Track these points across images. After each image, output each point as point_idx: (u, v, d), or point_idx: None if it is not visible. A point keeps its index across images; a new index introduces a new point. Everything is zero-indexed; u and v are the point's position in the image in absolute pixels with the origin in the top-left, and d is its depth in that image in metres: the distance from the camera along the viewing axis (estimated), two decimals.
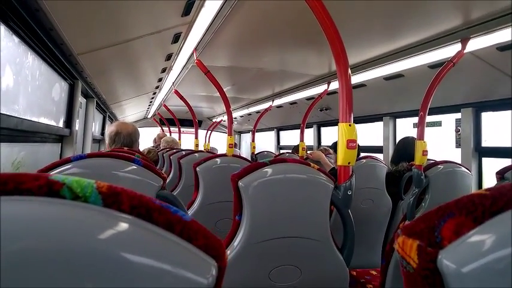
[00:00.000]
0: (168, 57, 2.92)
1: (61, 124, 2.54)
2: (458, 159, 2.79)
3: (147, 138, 6.60)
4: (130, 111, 6.35)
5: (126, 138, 1.97)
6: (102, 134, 4.89)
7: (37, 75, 1.97)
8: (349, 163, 1.37)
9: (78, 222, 0.31)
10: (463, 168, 2.12)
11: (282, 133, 7.25)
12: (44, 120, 2.13)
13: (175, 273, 0.33)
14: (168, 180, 2.78)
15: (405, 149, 2.42)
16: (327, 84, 3.72)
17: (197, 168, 1.98)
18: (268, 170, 1.26)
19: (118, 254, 0.31)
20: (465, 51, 2.17)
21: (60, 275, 0.28)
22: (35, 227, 0.29)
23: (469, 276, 0.34)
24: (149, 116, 8.21)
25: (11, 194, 0.30)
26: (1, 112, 1.46)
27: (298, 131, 4.19)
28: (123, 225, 0.33)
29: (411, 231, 0.40)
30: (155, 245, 0.34)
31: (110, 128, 1.99)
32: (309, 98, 4.43)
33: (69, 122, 2.65)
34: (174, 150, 3.35)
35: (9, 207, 0.29)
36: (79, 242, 0.30)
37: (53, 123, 2.32)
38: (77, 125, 2.74)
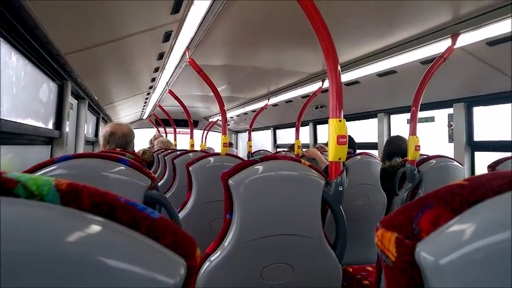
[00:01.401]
0: (160, 56, 2.91)
1: (50, 126, 2.51)
2: (451, 153, 2.80)
3: (143, 140, 6.57)
4: (124, 112, 6.33)
5: (121, 139, 1.95)
6: (96, 135, 4.86)
7: (22, 76, 1.93)
8: (339, 159, 1.36)
9: (32, 221, 0.29)
10: (456, 163, 2.13)
11: (278, 131, 7.26)
12: (31, 121, 2.09)
13: (140, 273, 0.31)
14: (163, 181, 2.77)
15: (396, 145, 2.43)
16: (321, 82, 3.72)
17: (190, 168, 1.96)
18: (259, 167, 1.24)
19: (75, 254, 0.29)
20: (455, 46, 2.18)
21: (13, 277, 0.26)
22: None
23: (447, 268, 0.33)
24: (144, 117, 8.19)
25: None
26: None
27: (295, 129, 4.19)
28: (81, 224, 0.31)
29: (390, 224, 0.39)
30: (118, 245, 0.32)
31: (104, 129, 1.98)
32: (304, 96, 4.43)
33: (59, 124, 2.61)
34: (169, 151, 3.33)
35: None
36: (31, 242, 0.28)
37: (41, 124, 2.29)
38: (68, 127, 2.71)
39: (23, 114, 1.97)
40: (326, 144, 3.35)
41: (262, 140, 7.73)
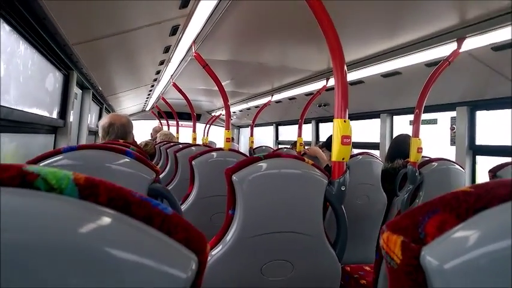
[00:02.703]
0: (166, 49, 2.91)
1: (55, 115, 2.52)
2: (453, 157, 2.80)
3: (145, 131, 6.57)
4: (128, 104, 6.33)
5: (120, 129, 1.95)
6: None
7: (29, 65, 1.93)
8: (343, 159, 1.37)
9: (52, 214, 0.30)
10: (457, 166, 2.14)
11: (280, 128, 7.25)
12: (36, 110, 2.10)
13: (154, 267, 0.32)
14: (164, 174, 2.78)
15: (400, 147, 2.43)
16: (325, 80, 3.72)
17: (193, 162, 1.97)
18: (263, 164, 1.25)
19: (93, 247, 0.30)
20: (461, 50, 2.18)
21: (33, 269, 0.27)
22: (5, 220, 0.28)
23: (452, 273, 0.34)
24: (147, 109, 8.19)
25: None
26: None
27: (297, 126, 4.19)
28: (99, 218, 0.32)
29: (396, 227, 0.40)
30: (132, 239, 0.33)
31: (103, 120, 1.98)
32: (308, 94, 4.43)
33: (63, 113, 2.62)
34: (171, 144, 3.34)
35: None
36: (53, 234, 0.29)
37: (46, 113, 2.29)
38: (72, 116, 2.72)
39: (29, 103, 1.98)
40: (322, 145, 3.36)
41: (264, 136, 7.73)
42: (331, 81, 3.67)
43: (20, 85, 1.83)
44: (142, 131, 6.68)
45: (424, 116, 2.37)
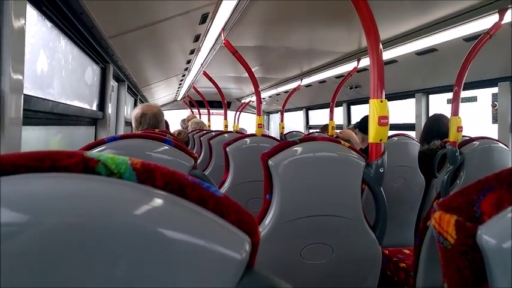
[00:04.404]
0: (196, 38, 2.93)
1: (94, 107, 2.61)
2: (495, 135, 2.68)
3: (178, 121, 6.67)
4: (160, 94, 6.45)
5: (152, 119, 1.99)
6: None
7: (70, 60, 2.01)
8: (381, 140, 1.34)
9: (115, 198, 0.31)
10: (500, 144, 2.05)
11: (311, 112, 7.16)
12: (77, 103, 2.19)
13: (210, 248, 0.33)
14: (199, 161, 2.83)
15: (435, 127, 2.35)
16: (356, 62, 3.64)
17: (227, 149, 1.99)
18: (298, 148, 1.25)
19: (154, 229, 0.31)
20: (503, 22, 2.05)
21: (98, 250, 0.29)
22: (74, 203, 0.29)
23: (511, 252, 0.33)
24: (179, 99, 8.31)
25: (48, 171, 0.31)
26: (37, 96, 1.52)
27: (328, 110, 4.13)
28: (158, 201, 0.33)
29: (448, 207, 0.39)
30: (190, 221, 0.34)
31: (135, 111, 2.03)
32: (338, 76, 4.35)
33: (102, 105, 2.71)
34: (204, 132, 3.39)
35: (47, 183, 0.30)
36: (116, 217, 0.30)
37: (86, 106, 2.39)
38: (110, 108, 2.81)
39: (71, 97, 2.07)
40: (354, 126, 3.29)
41: (294, 121, 7.67)
42: (362, 62, 3.59)
43: (62, 79, 1.91)
44: (176, 121, 6.79)
45: (463, 94, 2.27)
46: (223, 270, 0.33)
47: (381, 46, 1.36)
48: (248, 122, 8.87)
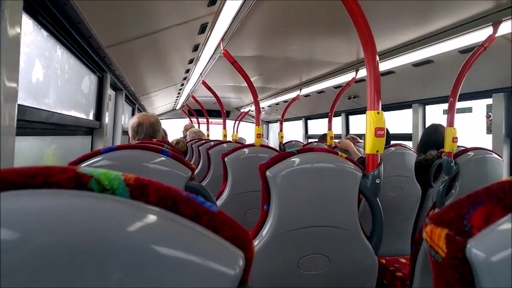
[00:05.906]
0: (195, 47, 2.94)
1: (91, 117, 2.61)
2: (489, 145, 2.70)
3: (176, 130, 6.68)
4: (158, 103, 6.46)
5: (149, 129, 1.99)
6: None
7: (66, 69, 2.01)
8: (377, 151, 1.35)
9: (107, 214, 0.31)
10: (494, 155, 2.06)
11: (310, 122, 7.19)
12: (74, 113, 2.18)
13: (203, 264, 0.33)
14: (197, 171, 2.82)
15: (431, 137, 2.38)
16: (355, 72, 3.66)
17: (225, 159, 1.99)
18: (296, 159, 1.25)
19: (146, 246, 0.31)
20: (497, 35, 2.09)
21: (89, 268, 0.28)
22: (65, 221, 0.29)
23: (499, 265, 0.33)
24: (177, 108, 8.32)
25: (39, 187, 0.30)
26: (32, 106, 1.51)
27: (327, 119, 4.15)
28: (151, 217, 0.33)
29: (440, 220, 0.39)
30: (183, 237, 0.34)
31: (132, 120, 2.02)
32: (336, 86, 4.38)
33: (99, 115, 2.71)
34: (203, 141, 3.39)
35: (38, 200, 0.29)
36: (107, 234, 0.30)
37: (83, 116, 2.38)
38: (107, 118, 2.81)
39: (67, 106, 2.06)
40: (358, 136, 3.31)
41: (293, 131, 7.69)
42: (361, 73, 3.61)
43: (58, 88, 1.90)
44: (174, 130, 6.79)
45: (459, 105, 2.28)
46: (216, 286, 0.33)
47: (377, 59, 1.37)
48: (247, 131, 8.87)
